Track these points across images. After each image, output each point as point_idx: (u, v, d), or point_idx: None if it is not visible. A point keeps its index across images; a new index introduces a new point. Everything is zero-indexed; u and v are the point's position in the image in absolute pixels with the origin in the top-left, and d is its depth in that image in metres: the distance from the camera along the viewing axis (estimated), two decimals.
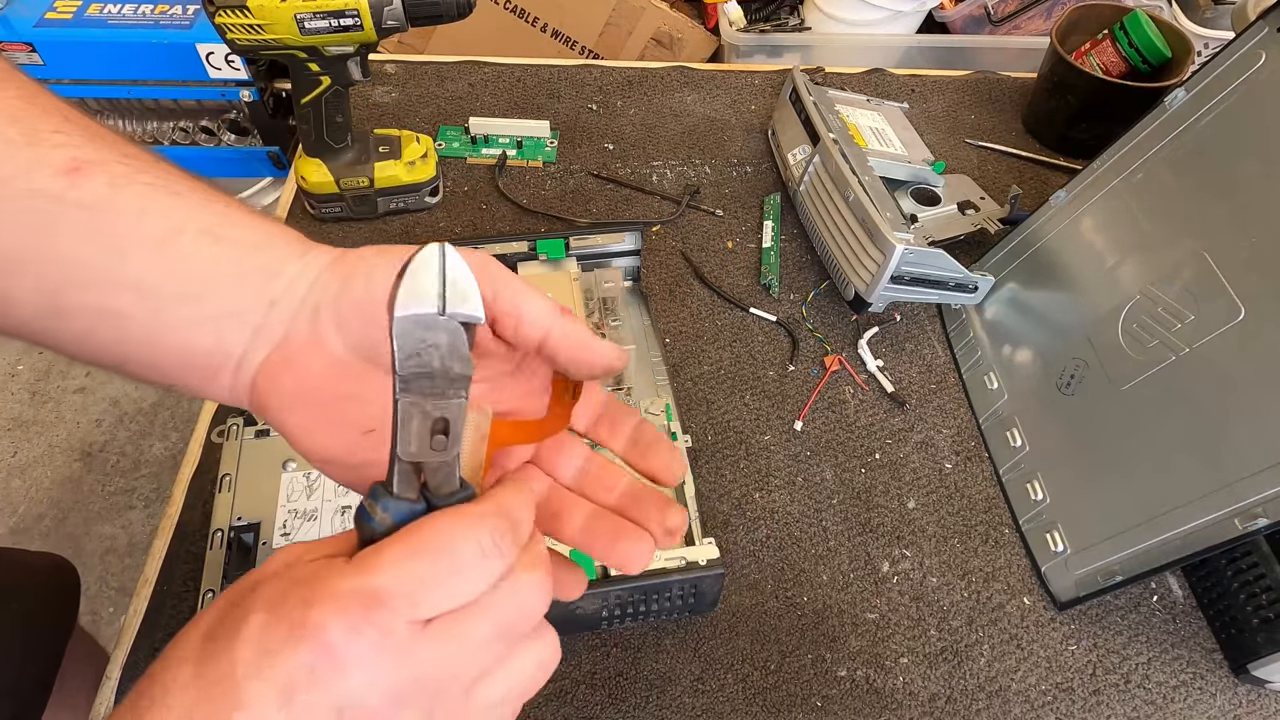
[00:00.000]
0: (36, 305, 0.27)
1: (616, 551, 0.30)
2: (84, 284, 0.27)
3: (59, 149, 0.26)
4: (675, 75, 0.92)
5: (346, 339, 0.28)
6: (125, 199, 0.27)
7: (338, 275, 0.29)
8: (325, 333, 0.28)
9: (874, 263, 0.63)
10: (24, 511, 1.42)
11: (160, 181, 0.28)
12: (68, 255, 0.26)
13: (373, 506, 0.24)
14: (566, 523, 0.31)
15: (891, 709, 0.50)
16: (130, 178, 0.27)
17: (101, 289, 0.27)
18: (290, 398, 0.29)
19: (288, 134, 1.24)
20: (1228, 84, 0.54)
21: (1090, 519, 0.54)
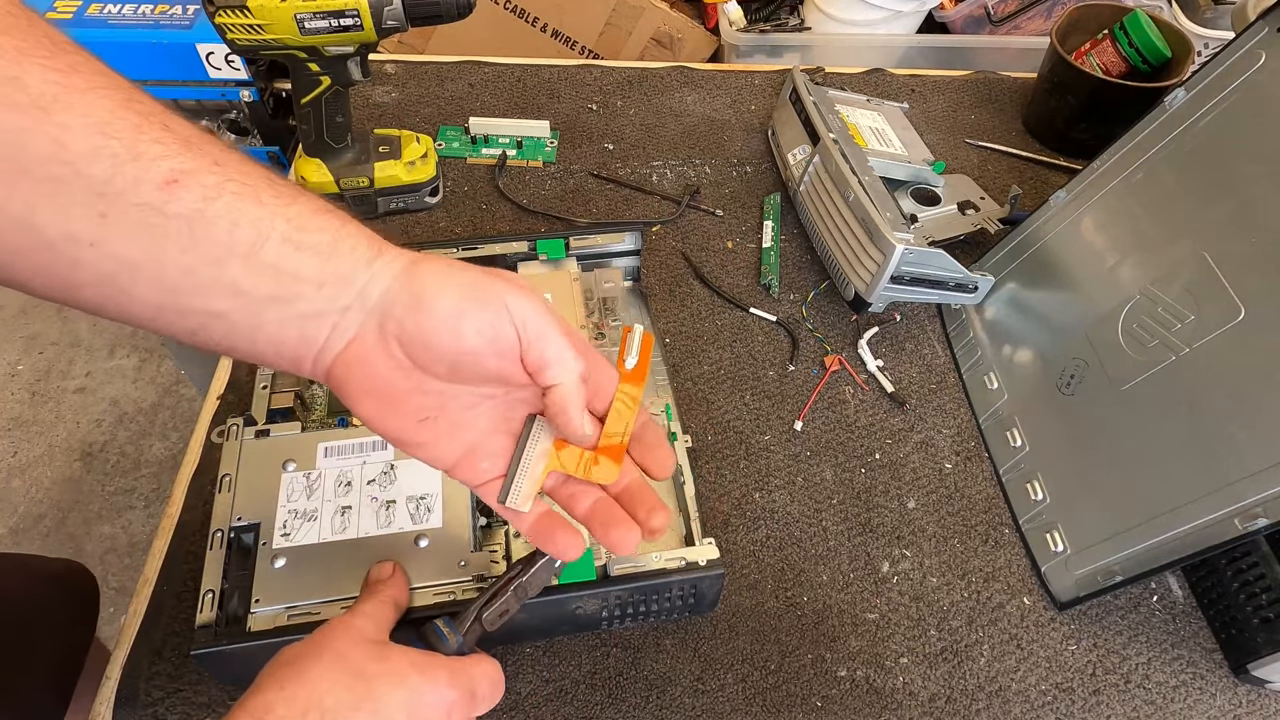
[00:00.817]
0: (157, 303, 0.30)
1: (610, 536, 0.37)
2: (192, 289, 0.30)
3: (158, 161, 0.29)
4: (675, 75, 0.92)
5: (408, 353, 0.34)
6: (218, 211, 0.30)
7: (406, 292, 0.33)
8: (390, 343, 0.33)
9: (874, 263, 0.63)
10: (24, 511, 1.42)
11: (246, 189, 0.31)
12: (176, 262, 0.29)
13: (450, 633, 0.40)
14: (578, 504, 0.39)
15: (891, 709, 0.50)
16: (220, 187, 0.30)
17: (207, 293, 0.30)
18: (360, 389, 0.34)
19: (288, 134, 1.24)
20: (1228, 84, 0.54)
21: (1090, 519, 0.54)
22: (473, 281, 0.34)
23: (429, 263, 0.34)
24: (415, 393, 0.35)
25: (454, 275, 0.34)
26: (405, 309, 0.33)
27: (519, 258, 0.65)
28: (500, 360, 0.34)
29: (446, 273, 0.34)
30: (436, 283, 0.33)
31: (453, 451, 0.37)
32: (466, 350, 0.33)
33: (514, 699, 0.49)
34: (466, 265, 0.35)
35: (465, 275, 0.34)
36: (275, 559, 0.47)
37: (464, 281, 0.33)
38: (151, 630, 0.50)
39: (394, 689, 0.35)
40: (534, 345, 0.34)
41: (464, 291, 0.33)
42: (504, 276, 0.35)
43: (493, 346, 0.33)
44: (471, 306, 0.33)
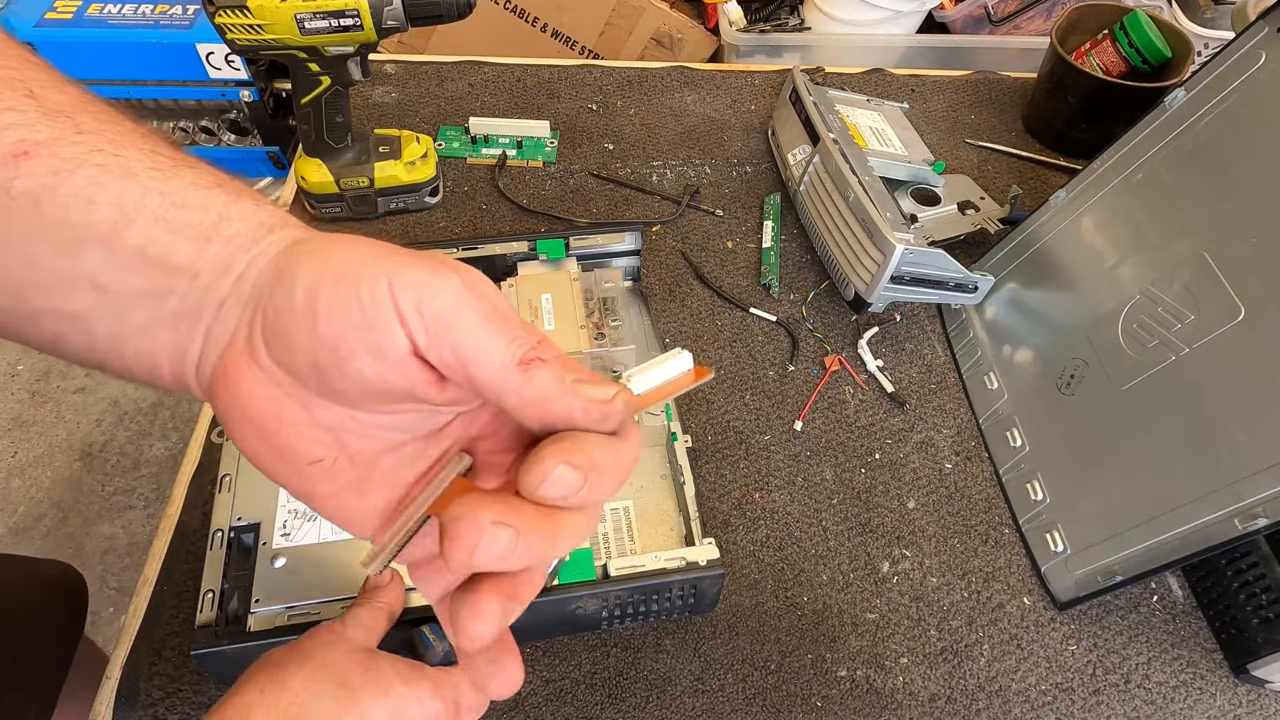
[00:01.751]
0: (3, 308, 0.25)
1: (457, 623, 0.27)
2: (41, 285, 0.25)
3: (8, 130, 0.24)
4: (675, 75, 0.92)
5: (275, 357, 0.25)
6: (73, 186, 0.24)
7: (273, 271, 0.25)
8: (256, 343, 0.25)
9: (874, 263, 0.63)
10: (24, 511, 1.42)
11: (114, 161, 0.25)
12: (21, 252, 0.24)
13: (436, 640, 0.40)
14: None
15: (891, 709, 0.50)
16: (80, 160, 0.24)
17: (60, 290, 0.25)
18: (235, 413, 0.25)
19: (288, 134, 1.24)
20: (1228, 84, 0.54)
21: (1090, 519, 0.54)
22: (348, 253, 0.24)
23: (324, 236, 0.26)
24: (303, 422, 0.25)
25: (335, 247, 0.25)
26: (268, 294, 0.25)
27: (519, 258, 0.65)
28: (382, 363, 0.23)
29: (329, 245, 0.25)
30: (309, 257, 0.25)
31: (365, 511, 0.26)
32: (323, 344, 0.23)
33: (514, 699, 0.49)
34: (376, 241, 0.25)
35: (349, 247, 0.25)
36: (275, 559, 0.47)
37: (338, 253, 0.24)
38: (151, 630, 0.50)
39: (377, 700, 0.34)
40: (437, 336, 0.23)
41: (328, 264, 0.24)
42: (408, 251, 0.25)
43: (363, 339, 0.23)
44: (329, 282, 0.23)
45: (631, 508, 0.56)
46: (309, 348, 0.24)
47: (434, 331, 0.23)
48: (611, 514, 0.56)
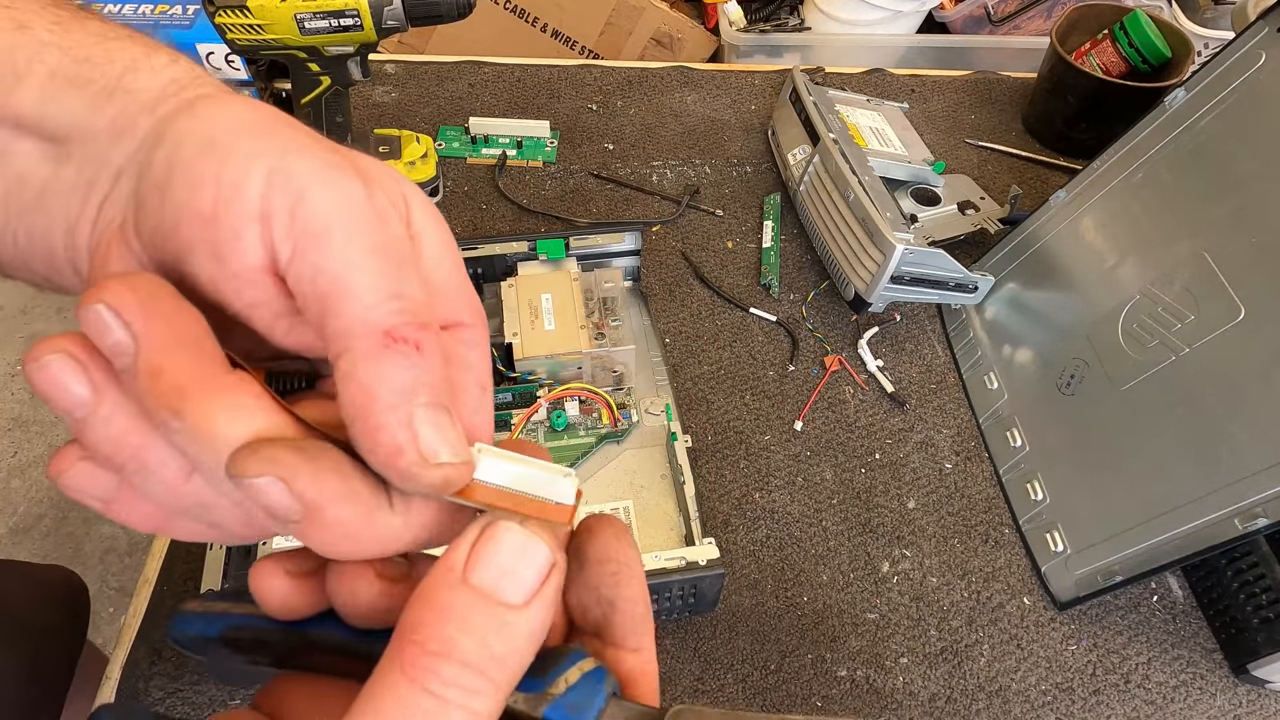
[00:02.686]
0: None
1: None
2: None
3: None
4: (675, 75, 0.92)
5: (139, 234, 0.20)
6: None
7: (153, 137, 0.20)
8: (127, 221, 0.20)
9: (874, 263, 0.63)
10: (24, 511, 1.42)
11: (4, 13, 0.21)
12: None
13: None
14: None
15: (891, 709, 0.50)
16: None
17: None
18: None
19: None
20: (1228, 84, 0.54)
21: (1090, 519, 0.54)
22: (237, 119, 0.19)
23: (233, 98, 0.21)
24: None
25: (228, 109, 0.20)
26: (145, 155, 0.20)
27: (519, 258, 0.65)
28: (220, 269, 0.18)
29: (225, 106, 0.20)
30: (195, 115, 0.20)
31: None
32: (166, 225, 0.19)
33: None
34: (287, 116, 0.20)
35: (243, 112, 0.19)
36: None
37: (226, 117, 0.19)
38: (151, 630, 0.50)
39: None
40: (303, 251, 0.18)
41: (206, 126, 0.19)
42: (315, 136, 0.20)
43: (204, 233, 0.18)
44: (193, 149, 0.19)
45: (631, 507, 0.56)
46: (153, 228, 0.19)
47: (301, 245, 0.18)
48: (611, 514, 0.56)
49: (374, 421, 0.17)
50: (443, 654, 0.16)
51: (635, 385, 0.63)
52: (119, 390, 0.18)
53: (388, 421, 0.17)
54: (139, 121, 0.20)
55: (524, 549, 0.17)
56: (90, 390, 0.18)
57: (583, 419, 0.60)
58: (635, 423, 0.60)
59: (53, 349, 0.17)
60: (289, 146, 0.19)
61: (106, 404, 0.18)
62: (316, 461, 0.17)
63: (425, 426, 0.18)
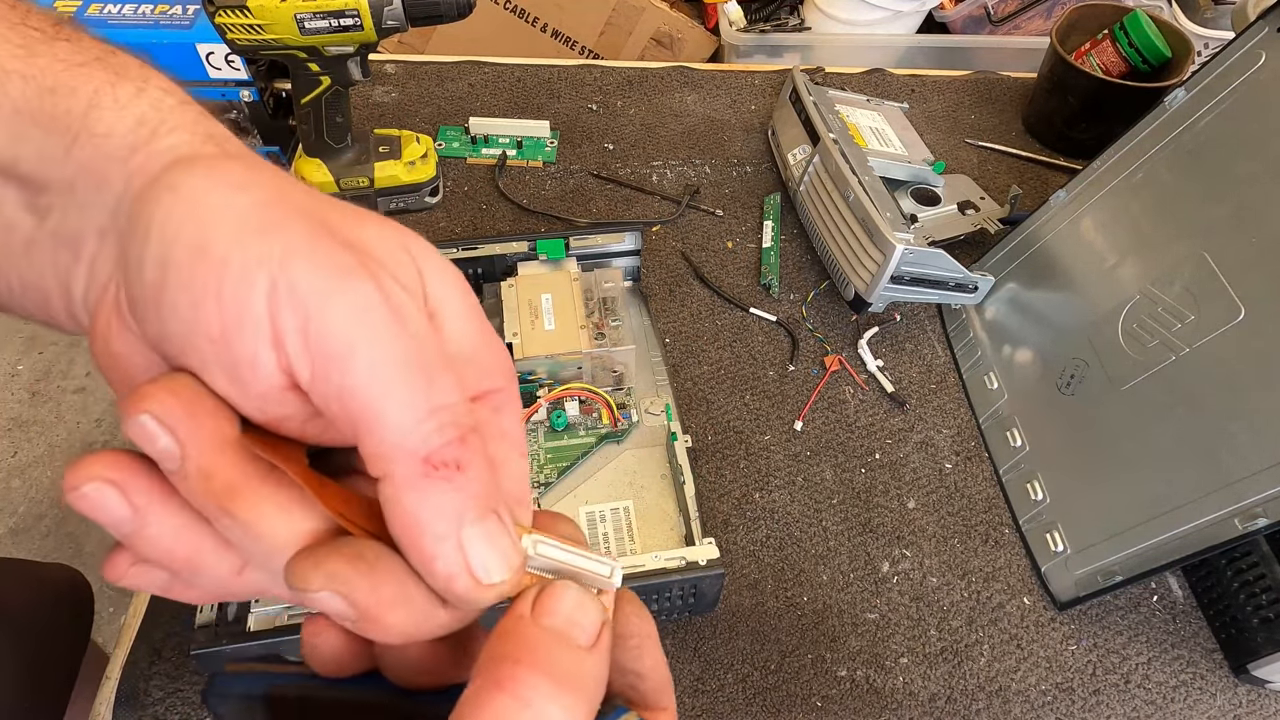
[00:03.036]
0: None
1: None
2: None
3: None
4: (675, 75, 0.92)
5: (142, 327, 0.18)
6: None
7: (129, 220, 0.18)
8: (123, 306, 0.19)
9: (874, 263, 0.63)
10: (24, 511, 1.42)
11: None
12: None
13: None
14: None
15: (891, 709, 0.50)
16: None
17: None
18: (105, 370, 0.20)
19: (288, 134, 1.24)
20: (1228, 84, 0.54)
21: (1090, 519, 0.54)
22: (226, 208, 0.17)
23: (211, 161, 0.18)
24: None
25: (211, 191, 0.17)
26: (126, 243, 0.18)
27: (519, 258, 0.65)
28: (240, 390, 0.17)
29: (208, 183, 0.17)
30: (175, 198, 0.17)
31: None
32: (170, 341, 0.17)
33: None
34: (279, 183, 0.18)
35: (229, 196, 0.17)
36: None
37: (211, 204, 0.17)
38: (151, 630, 0.50)
39: None
40: (324, 373, 0.17)
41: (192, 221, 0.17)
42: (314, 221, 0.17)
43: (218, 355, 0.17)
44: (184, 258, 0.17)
45: (631, 508, 0.56)
46: (156, 335, 0.18)
47: (320, 366, 0.17)
48: (612, 514, 0.56)
49: (426, 552, 0.17)
50: (541, 670, 0.16)
51: (635, 385, 0.63)
52: (163, 504, 0.18)
53: (440, 551, 0.17)
54: (109, 174, 0.19)
55: (582, 603, 0.18)
56: (132, 511, 0.18)
57: (583, 419, 0.60)
58: (635, 423, 0.60)
59: (88, 477, 0.17)
60: (289, 247, 0.17)
61: (151, 521, 0.18)
62: (374, 573, 0.17)
63: (476, 544, 0.17)
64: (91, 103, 0.19)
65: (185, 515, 0.18)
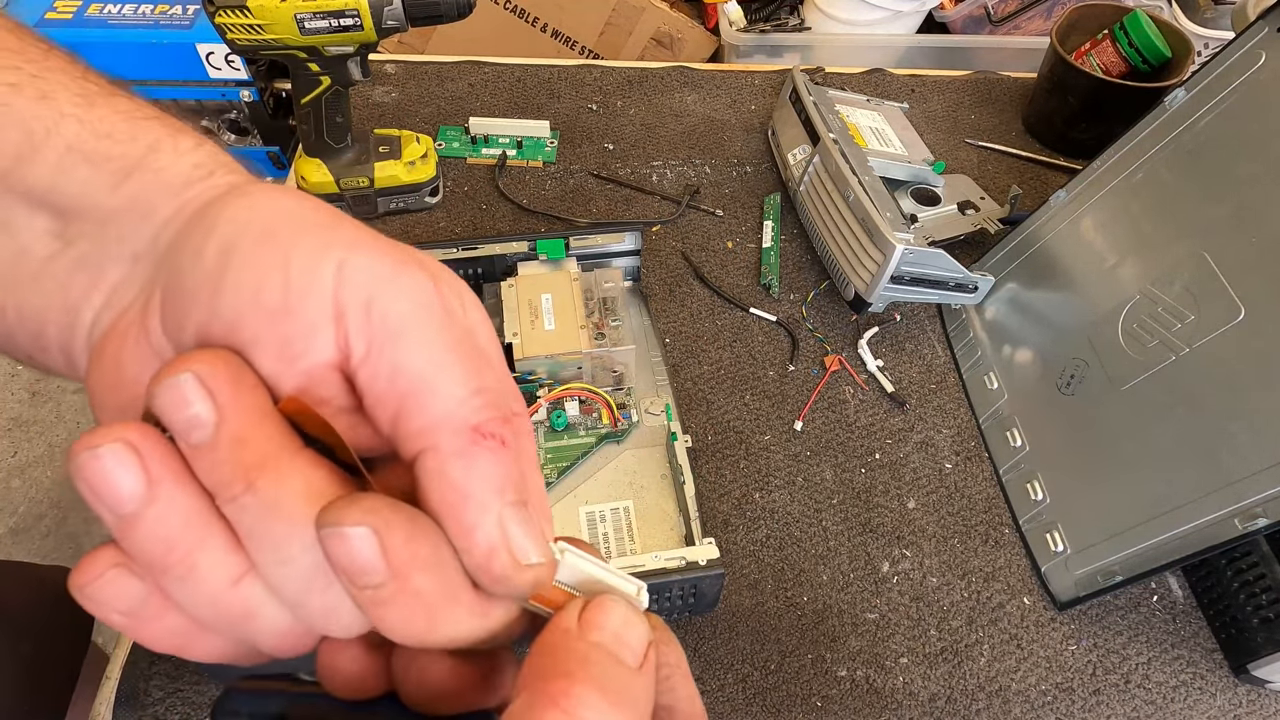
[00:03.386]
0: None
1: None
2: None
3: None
4: (675, 75, 0.92)
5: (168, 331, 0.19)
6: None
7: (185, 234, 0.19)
8: (151, 314, 0.19)
9: (874, 263, 0.63)
10: (24, 511, 1.42)
11: (30, 82, 0.20)
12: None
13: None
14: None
15: (891, 709, 0.50)
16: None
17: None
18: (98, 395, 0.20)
19: (288, 134, 1.24)
20: (1228, 84, 0.54)
21: (1090, 519, 0.54)
22: (290, 209, 0.19)
23: (269, 186, 0.20)
24: None
25: (275, 198, 0.19)
26: (178, 244, 0.19)
27: (519, 258, 0.65)
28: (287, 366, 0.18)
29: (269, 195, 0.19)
30: (238, 204, 0.19)
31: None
32: (220, 320, 0.18)
33: None
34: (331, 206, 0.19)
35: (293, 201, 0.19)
36: None
37: (276, 205, 0.19)
38: None
39: None
40: (380, 348, 0.18)
41: (258, 215, 0.18)
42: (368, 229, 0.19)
43: (273, 329, 0.17)
44: (252, 240, 0.18)
45: (631, 508, 0.56)
46: (201, 322, 0.18)
47: (378, 342, 0.17)
48: (612, 514, 0.56)
49: (469, 522, 0.17)
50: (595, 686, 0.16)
51: (635, 385, 0.63)
52: (176, 484, 0.17)
53: (482, 522, 0.17)
54: (159, 204, 0.20)
55: (629, 620, 0.18)
56: (145, 484, 0.17)
57: (583, 419, 0.60)
58: (635, 423, 0.61)
59: (109, 437, 0.17)
60: (354, 241, 0.18)
61: (162, 499, 0.17)
62: (413, 524, 0.17)
63: (514, 526, 0.18)
64: (151, 147, 0.20)
65: (197, 500, 0.17)
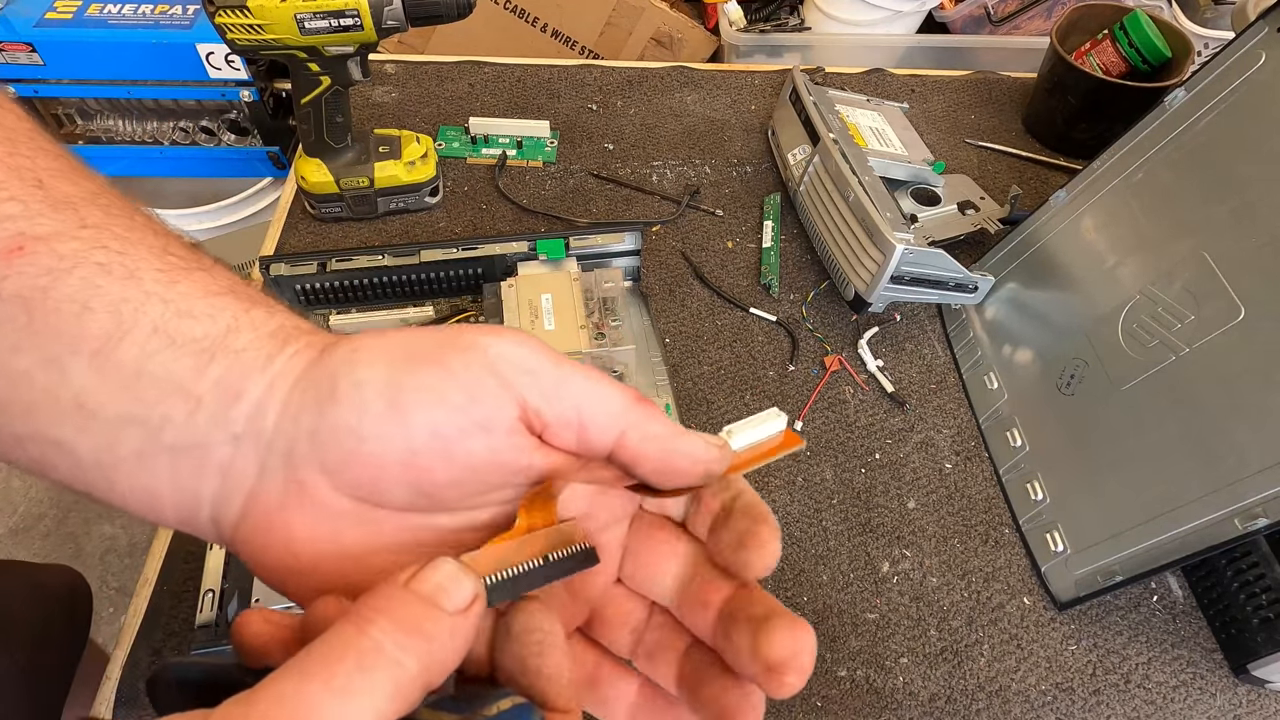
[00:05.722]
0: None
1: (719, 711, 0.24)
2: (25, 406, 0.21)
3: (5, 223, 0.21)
4: (675, 75, 0.92)
5: (338, 483, 0.21)
6: (67, 289, 0.21)
7: (311, 397, 0.21)
8: (308, 479, 0.21)
9: (874, 263, 0.63)
10: (24, 511, 1.42)
11: (118, 260, 0.21)
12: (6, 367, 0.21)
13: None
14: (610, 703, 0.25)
15: (891, 709, 0.50)
16: (80, 256, 0.21)
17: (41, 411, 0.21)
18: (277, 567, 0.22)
19: (288, 134, 1.24)
20: (1228, 84, 0.54)
21: (1090, 519, 0.54)
22: (400, 343, 0.22)
23: (345, 344, 0.22)
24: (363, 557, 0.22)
25: (378, 343, 0.22)
26: (318, 419, 0.21)
27: (519, 258, 0.65)
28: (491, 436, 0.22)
29: (368, 344, 0.22)
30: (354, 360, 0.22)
31: None
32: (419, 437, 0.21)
33: None
34: (408, 328, 0.23)
35: (391, 339, 0.22)
36: None
37: (390, 346, 0.22)
38: (151, 630, 0.50)
39: None
40: (555, 392, 0.22)
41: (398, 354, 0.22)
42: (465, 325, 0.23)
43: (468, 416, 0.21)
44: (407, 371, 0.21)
45: None
46: (402, 450, 0.21)
47: (550, 389, 0.22)
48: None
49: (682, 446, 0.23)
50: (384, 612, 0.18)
51: (635, 385, 0.63)
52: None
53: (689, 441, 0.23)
54: (249, 384, 0.22)
55: (456, 575, 0.19)
56: None
57: None
58: None
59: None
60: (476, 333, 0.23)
61: None
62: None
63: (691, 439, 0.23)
64: (230, 327, 0.22)
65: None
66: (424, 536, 0.23)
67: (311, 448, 0.21)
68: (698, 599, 0.24)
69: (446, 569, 0.19)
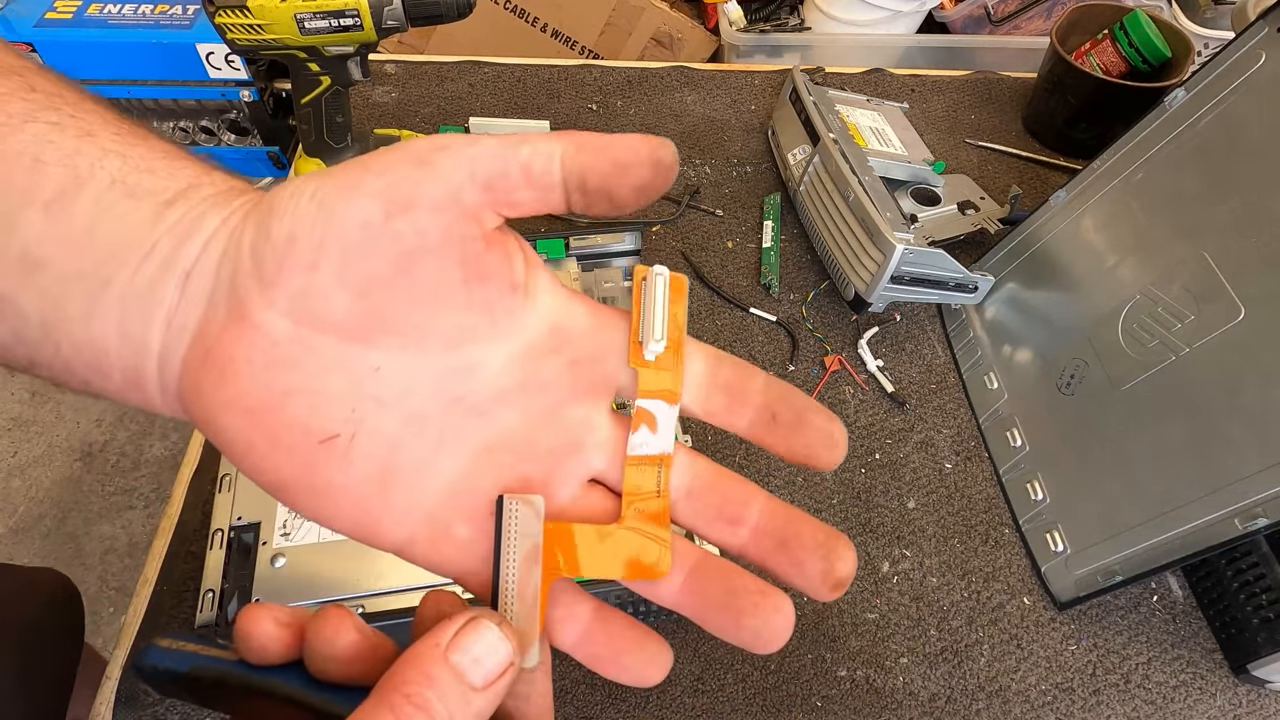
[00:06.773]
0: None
1: (743, 630, 0.24)
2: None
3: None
4: (675, 75, 0.92)
5: (276, 298, 0.20)
6: (19, 143, 0.20)
7: (254, 220, 0.21)
8: (248, 301, 0.20)
9: (874, 263, 0.63)
10: (24, 511, 1.42)
11: (70, 121, 0.21)
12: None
13: None
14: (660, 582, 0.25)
15: (891, 709, 0.50)
16: (30, 115, 0.21)
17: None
18: (215, 405, 0.21)
19: (288, 134, 1.24)
20: (1228, 84, 0.54)
21: (1090, 519, 0.54)
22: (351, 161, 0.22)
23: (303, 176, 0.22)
24: (305, 393, 0.21)
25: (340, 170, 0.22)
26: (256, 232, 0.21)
27: None
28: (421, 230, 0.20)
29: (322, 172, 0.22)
30: (297, 181, 0.21)
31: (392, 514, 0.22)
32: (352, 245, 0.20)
33: None
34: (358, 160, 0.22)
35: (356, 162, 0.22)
36: (275, 559, 0.47)
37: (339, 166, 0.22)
38: (151, 630, 0.50)
39: None
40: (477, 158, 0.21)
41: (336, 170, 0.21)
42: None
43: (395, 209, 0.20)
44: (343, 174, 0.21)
45: None
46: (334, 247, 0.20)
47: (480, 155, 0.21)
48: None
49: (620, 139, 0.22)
50: (424, 709, 0.19)
51: None
52: None
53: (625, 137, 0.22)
54: (207, 220, 0.21)
55: (495, 645, 0.20)
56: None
57: None
58: None
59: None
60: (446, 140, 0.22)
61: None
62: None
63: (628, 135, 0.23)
64: (192, 183, 0.22)
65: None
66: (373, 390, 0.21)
67: (252, 264, 0.20)
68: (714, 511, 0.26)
69: (488, 635, 0.20)
